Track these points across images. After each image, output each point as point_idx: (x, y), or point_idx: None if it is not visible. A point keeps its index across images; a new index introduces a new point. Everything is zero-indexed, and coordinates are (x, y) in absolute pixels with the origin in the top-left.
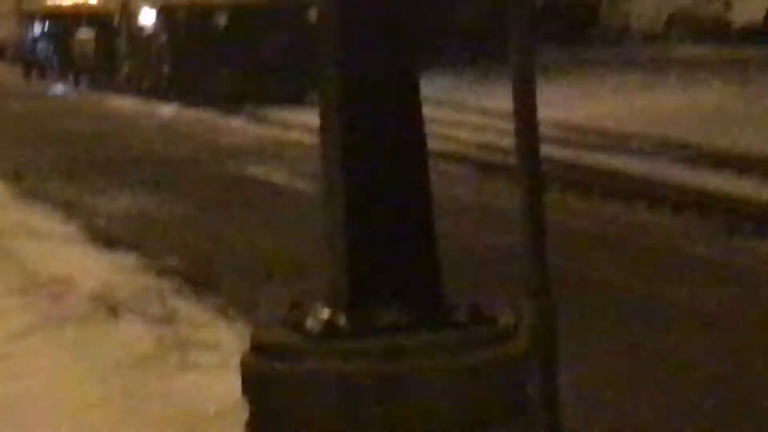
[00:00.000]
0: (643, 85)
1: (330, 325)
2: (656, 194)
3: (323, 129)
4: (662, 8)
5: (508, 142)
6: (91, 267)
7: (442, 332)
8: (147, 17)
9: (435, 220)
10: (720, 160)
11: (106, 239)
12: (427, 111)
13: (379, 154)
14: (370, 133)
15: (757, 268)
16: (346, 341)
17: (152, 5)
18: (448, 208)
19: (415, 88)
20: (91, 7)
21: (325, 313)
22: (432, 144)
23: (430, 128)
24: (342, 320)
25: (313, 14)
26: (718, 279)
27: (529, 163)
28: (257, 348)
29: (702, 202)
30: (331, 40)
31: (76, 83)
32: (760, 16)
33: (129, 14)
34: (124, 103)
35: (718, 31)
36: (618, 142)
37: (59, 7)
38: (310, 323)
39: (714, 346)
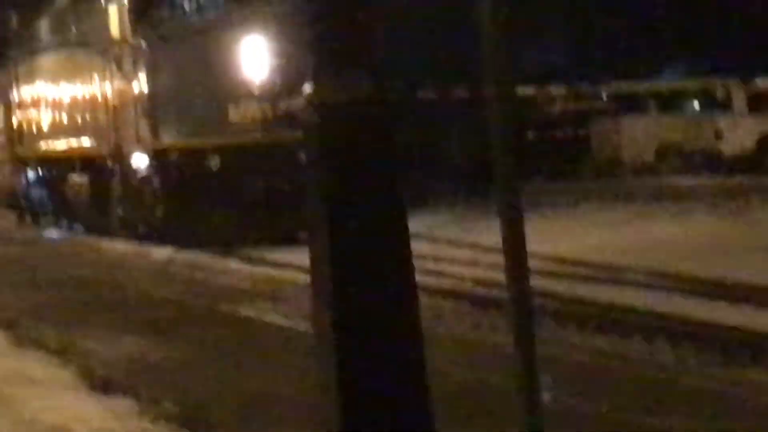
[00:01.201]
0: (636, 217)
1: None
2: (651, 326)
3: (314, 272)
4: (651, 140)
5: (504, 276)
6: (88, 413)
7: None
8: (140, 160)
9: (429, 357)
10: (714, 290)
11: (102, 384)
12: (421, 247)
13: (368, 296)
14: (360, 276)
15: (755, 399)
16: None
17: (145, 149)
18: (443, 345)
19: (404, 228)
20: (84, 151)
21: None
22: (427, 280)
23: (425, 265)
24: None
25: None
26: (715, 410)
27: (518, 303)
28: None
29: (697, 333)
30: (318, 183)
31: (71, 228)
32: (750, 144)
33: (122, 158)
34: (119, 247)
35: (708, 161)
36: (612, 274)
37: (53, 152)
38: None
39: None
